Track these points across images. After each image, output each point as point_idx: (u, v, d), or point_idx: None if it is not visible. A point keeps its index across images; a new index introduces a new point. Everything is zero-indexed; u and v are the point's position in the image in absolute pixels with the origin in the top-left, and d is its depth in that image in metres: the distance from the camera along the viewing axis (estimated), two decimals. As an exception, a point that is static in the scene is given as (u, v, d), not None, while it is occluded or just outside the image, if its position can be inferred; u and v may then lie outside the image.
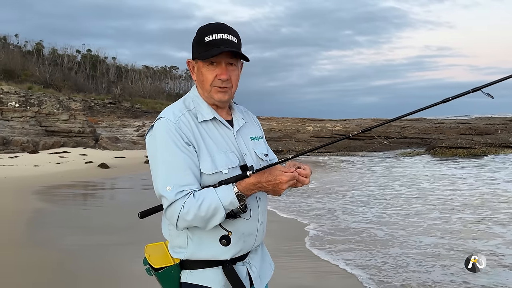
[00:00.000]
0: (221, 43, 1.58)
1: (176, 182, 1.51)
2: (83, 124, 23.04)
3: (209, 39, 1.58)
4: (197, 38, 1.63)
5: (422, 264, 4.64)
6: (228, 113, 1.74)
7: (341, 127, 28.39)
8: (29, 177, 12.18)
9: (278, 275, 4.21)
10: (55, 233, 6.01)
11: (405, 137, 27.12)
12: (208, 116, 1.64)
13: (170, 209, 1.51)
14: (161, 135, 1.56)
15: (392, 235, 5.87)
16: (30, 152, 18.69)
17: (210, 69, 1.61)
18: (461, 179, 11.87)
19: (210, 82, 1.62)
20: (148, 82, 58.27)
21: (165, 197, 1.51)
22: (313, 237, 5.79)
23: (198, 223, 1.51)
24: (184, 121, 1.59)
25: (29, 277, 4.20)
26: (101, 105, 37.09)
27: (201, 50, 1.60)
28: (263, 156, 1.75)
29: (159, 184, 1.53)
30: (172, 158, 1.53)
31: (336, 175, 14.27)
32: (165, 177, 1.53)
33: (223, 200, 1.50)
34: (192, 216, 1.49)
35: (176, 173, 1.52)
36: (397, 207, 7.99)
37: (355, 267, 4.57)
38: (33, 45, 55.06)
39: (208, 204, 1.50)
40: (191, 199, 1.51)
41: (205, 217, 1.50)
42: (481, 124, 28.75)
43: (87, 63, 57.18)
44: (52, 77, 41.74)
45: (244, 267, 1.66)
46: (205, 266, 1.61)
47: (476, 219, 6.76)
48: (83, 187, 11.21)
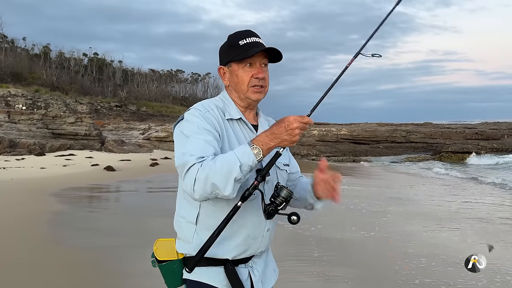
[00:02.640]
0: (255, 45, 1.68)
1: (200, 151, 1.52)
2: (90, 127, 23.16)
3: (244, 43, 1.68)
4: (229, 44, 1.73)
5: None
6: (255, 118, 1.81)
7: (346, 131, 28.37)
8: (36, 179, 12.25)
9: (285, 279, 4.24)
10: (78, 234, 6.09)
11: (394, 141, 27.01)
12: (235, 115, 1.72)
13: (189, 173, 1.49)
14: (190, 119, 1.62)
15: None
16: (37, 154, 18.80)
17: (246, 70, 1.69)
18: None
19: (247, 83, 1.69)
20: (154, 85, 58.50)
21: (186, 161, 1.50)
22: (321, 241, 5.79)
23: (215, 179, 1.45)
24: (212, 113, 1.66)
25: (62, 275, 4.24)
26: (107, 108, 37.30)
27: (237, 53, 1.68)
28: (282, 165, 1.78)
29: (181, 156, 1.55)
30: (199, 135, 1.57)
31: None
32: (190, 148, 1.54)
33: (237, 152, 1.50)
34: (207, 171, 1.45)
35: (201, 145, 1.54)
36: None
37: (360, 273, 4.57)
38: (40, 48, 55.52)
39: (222, 158, 1.50)
40: (208, 158, 1.51)
41: (221, 171, 1.45)
42: (487, 129, 28.64)
43: (93, 66, 57.54)
44: (59, 80, 42.05)
45: (246, 270, 1.68)
46: (207, 264, 1.64)
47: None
48: (96, 190, 11.27)
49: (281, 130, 1.51)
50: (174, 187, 2.17)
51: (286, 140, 1.51)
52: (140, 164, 17.49)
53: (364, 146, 26.84)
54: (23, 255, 4.98)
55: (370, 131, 28.69)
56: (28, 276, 4.29)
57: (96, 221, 7.22)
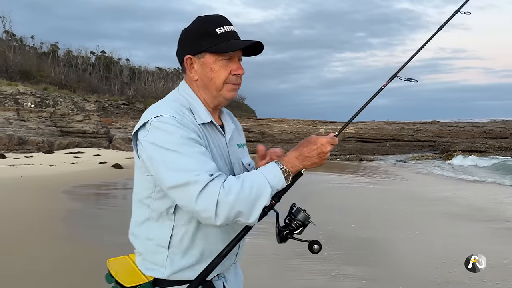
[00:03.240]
0: (234, 35, 1.46)
1: (203, 168, 1.29)
2: (97, 125, 23.34)
3: (222, 31, 1.43)
4: (203, 30, 1.45)
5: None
6: (218, 117, 1.58)
7: (353, 130, 28.28)
8: (45, 177, 12.39)
9: (291, 276, 4.27)
10: (92, 231, 6.21)
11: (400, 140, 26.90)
12: (206, 119, 1.47)
13: (206, 194, 1.25)
14: (168, 128, 1.34)
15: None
16: (46, 152, 18.99)
17: (223, 64, 1.45)
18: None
19: (224, 79, 1.46)
20: (160, 83, 58.68)
21: (194, 182, 1.26)
22: (329, 239, 5.81)
23: (242, 206, 1.27)
24: (188, 120, 1.40)
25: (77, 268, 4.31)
26: (115, 106, 37.50)
27: (215, 42, 1.42)
28: (248, 166, 1.62)
29: (180, 175, 1.28)
30: (189, 148, 1.32)
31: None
32: (188, 166, 1.29)
33: (267, 174, 1.33)
34: (235, 195, 1.25)
35: (200, 160, 1.31)
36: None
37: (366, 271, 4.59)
38: (48, 46, 55.87)
39: (250, 181, 1.30)
40: (231, 178, 1.30)
41: (249, 197, 1.27)
42: (496, 128, 28.42)
43: (101, 64, 57.82)
44: (67, 78, 42.31)
45: (220, 282, 1.55)
46: (182, 284, 1.45)
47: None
48: (104, 188, 11.37)
49: (313, 153, 1.40)
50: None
51: (316, 163, 1.41)
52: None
53: (371, 144, 26.77)
54: (43, 251, 5.09)
55: (377, 129, 28.60)
56: (51, 269, 4.37)
57: (105, 219, 7.31)
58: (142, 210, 1.48)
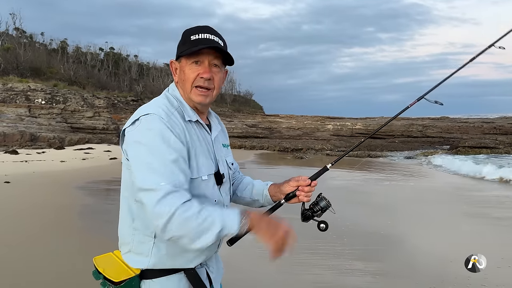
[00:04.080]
0: (207, 42, 1.54)
1: (171, 179, 1.39)
2: (107, 121, 23.57)
3: (195, 38, 1.55)
4: (182, 38, 1.60)
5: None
6: (206, 117, 1.71)
7: (361, 126, 28.24)
8: (57, 172, 12.57)
9: (299, 270, 4.35)
10: (109, 225, 6.32)
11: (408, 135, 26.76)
12: (193, 117, 1.59)
13: (166, 202, 1.35)
14: (154, 131, 1.44)
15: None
16: (57, 148, 19.23)
17: (192, 68, 1.56)
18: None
19: (192, 81, 1.56)
20: (169, 79, 58.80)
21: (157, 189, 1.36)
22: (336, 233, 5.87)
23: (189, 230, 1.37)
24: (174, 119, 1.51)
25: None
26: (124, 103, 37.67)
27: (187, 47, 1.56)
28: (231, 165, 1.77)
29: (148, 179, 1.39)
30: (167, 157, 1.42)
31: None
32: (158, 173, 1.39)
33: (226, 217, 1.41)
34: (188, 216, 1.36)
35: (172, 171, 1.41)
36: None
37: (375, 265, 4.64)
38: (58, 43, 56.23)
39: (208, 213, 1.39)
40: (193, 201, 1.40)
41: (198, 226, 1.37)
42: (506, 124, 28.17)
43: (109, 60, 58.10)
44: (76, 74, 42.61)
45: (203, 269, 1.64)
46: (167, 273, 1.55)
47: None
48: (115, 183, 11.52)
49: (278, 234, 1.42)
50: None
51: (271, 241, 1.42)
52: (157, 158, 17.75)
53: (380, 140, 26.68)
54: (65, 244, 5.24)
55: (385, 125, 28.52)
56: (80, 261, 4.50)
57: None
58: (129, 203, 1.58)
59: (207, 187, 1.56)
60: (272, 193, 1.82)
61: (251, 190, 1.87)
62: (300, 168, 16.47)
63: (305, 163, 19.41)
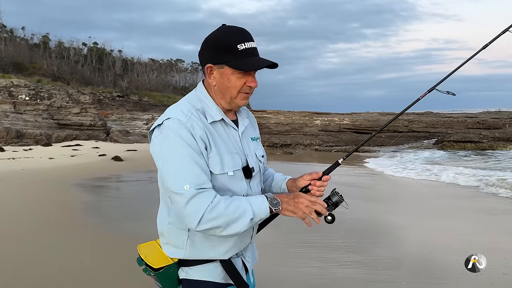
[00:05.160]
0: (253, 53, 1.59)
1: (193, 181, 1.49)
2: (94, 118, 23.27)
3: (243, 48, 1.56)
4: (225, 43, 1.57)
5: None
6: (234, 113, 1.76)
7: (348, 121, 28.48)
8: (46, 169, 12.40)
9: (298, 263, 4.40)
10: (115, 223, 6.28)
11: (413, 131, 27.22)
12: (217, 117, 1.64)
13: (194, 204, 1.48)
14: (173, 135, 1.53)
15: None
16: (44, 145, 18.93)
17: (240, 77, 1.60)
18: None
19: (239, 89, 1.61)
20: (154, 75, 58.32)
21: (182, 194, 1.48)
22: (332, 226, 5.94)
23: (221, 222, 1.50)
24: (194, 120, 1.57)
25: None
26: (110, 98, 37.28)
27: (234, 58, 1.56)
28: (261, 157, 1.82)
29: (173, 183, 1.51)
30: (187, 159, 1.51)
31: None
32: (181, 176, 1.50)
33: (253, 204, 1.54)
34: (220, 211, 1.48)
35: (193, 173, 1.50)
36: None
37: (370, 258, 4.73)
38: (39, 38, 55.16)
39: (237, 203, 1.52)
40: (220, 197, 1.52)
41: (231, 217, 1.50)
42: (489, 118, 28.75)
43: (93, 56, 57.27)
44: (59, 70, 41.92)
45: (239, 259, 1.72)
46: (203, 262, 1.65)
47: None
48: (108, 180, 11.42)
49: (301, 207, 1.60)
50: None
51: (297, 214, 1.60)
52: (146, 154, 17.41)
53: (367, 135, 26.95)
54: (72, 242, 5.21)
55: (372, 120, 28.79)
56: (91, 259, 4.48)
57: (120, 209, 7.40)
58: (165, 198, 1.66)
59: (234, 182, 1.63)
60: (289, 187, 1.87)
61: (270, 182, 1.94)
62: (290, 163, 16.55)
63: (295, 158, 19.53)
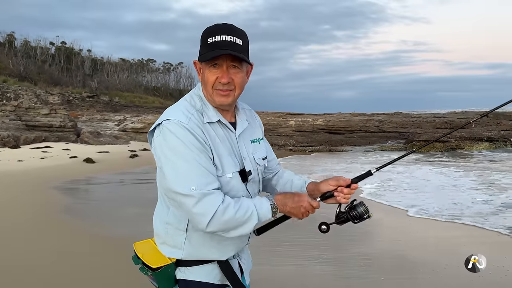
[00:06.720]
0: (222, 45, 1.53)
1: (199, 182, 1.48)
2: (64, 119, 22.62)
3: (212, 41, 1.54)
4: (201, 37, 1.59)
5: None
6: (233, 115, 1.72)
7: (322, 122, 28.82)
8: (16, 172, 12.02)
9: (279, 262, 4.44)
10: (95, 224, 6.12)
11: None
12: (213, 118, 1.62)
13: (203, 205, 1.47)
14: (175, 137, 1.51)
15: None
16: (11, 147, 18.27)
17: (211, 71, 1.57)
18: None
19: (212, 84, 1.59)
20: (124, 75, 57.38)
21: (190, 195, 1.47)
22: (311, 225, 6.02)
23: (230, 226, 1.51)
24: (195, 121, 1.56)
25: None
26: (80, 99, 36.40)
27: (203, 52, 1.57)
28: (261, 160, 1.77)
29: (179, 185, 1.49)
30: (191, 161, 1.49)
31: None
32: (187, 178, 1.48)
33: (259, 209, 1.56)
34: (230, 215, 1.49)
35: (198, 174, 1.49)
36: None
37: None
38: (4, 36, 53.28)
39: (246, 207, 1.53)
40: (229, 198, 1.52)
41: (240, 220, 1.51)
42: (456, 118, 29.68)
43: (61, 55, 55.83)
44: (26, 70, 40.65)
45: (236, 260, 1.72)
46: (201, 263, 1.64)
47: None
48: (83, 182, 11.17)
49: (299, 210, 1.62)
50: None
51: (297, 215, 1.64)
52: (119, 156, 17.30)
53: (339, 136, 27.35)
54: (60, 245, 5.10)
55: (344, 121, 29.23)
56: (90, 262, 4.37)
57: (98, 211, 7.26)
58: (164, 198, 1.66)
59: (233, 184, 1.61)
60: (309, 191, 1.79)
61: (290, 186, 1.89)
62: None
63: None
